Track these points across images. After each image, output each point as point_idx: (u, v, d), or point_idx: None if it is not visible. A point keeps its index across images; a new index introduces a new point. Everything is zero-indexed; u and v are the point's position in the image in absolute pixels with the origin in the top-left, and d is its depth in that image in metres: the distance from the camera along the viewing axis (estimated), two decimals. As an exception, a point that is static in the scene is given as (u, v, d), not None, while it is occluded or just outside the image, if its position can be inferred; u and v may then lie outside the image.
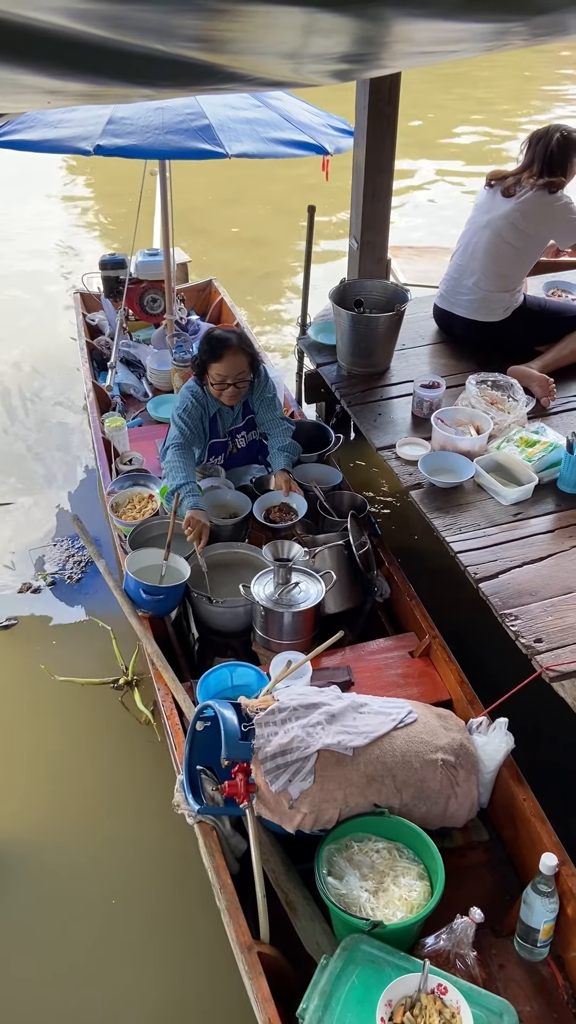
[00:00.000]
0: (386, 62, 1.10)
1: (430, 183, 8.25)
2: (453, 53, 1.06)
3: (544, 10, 0.76)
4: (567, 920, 2.08)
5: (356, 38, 0.91)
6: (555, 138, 3.42)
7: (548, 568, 2.67)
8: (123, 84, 1.05)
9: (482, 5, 0.71)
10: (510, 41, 0.98)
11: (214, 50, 0.89)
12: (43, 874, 2.66)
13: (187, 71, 0.97)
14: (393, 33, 0.91)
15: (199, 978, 2.39)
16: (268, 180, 8.02)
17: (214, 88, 1.16)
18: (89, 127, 3.42)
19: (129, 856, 2.70)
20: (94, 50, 0.80)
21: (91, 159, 5.56)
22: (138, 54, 0.83)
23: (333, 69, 1.13)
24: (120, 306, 4.60)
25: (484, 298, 3.66)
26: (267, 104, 3.79)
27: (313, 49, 0.94)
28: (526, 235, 3.51)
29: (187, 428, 3.18)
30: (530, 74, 11.86)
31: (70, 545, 3.89)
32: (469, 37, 0.89)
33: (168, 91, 1.17)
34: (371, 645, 2.84)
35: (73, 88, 1.02)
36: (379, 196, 3.87)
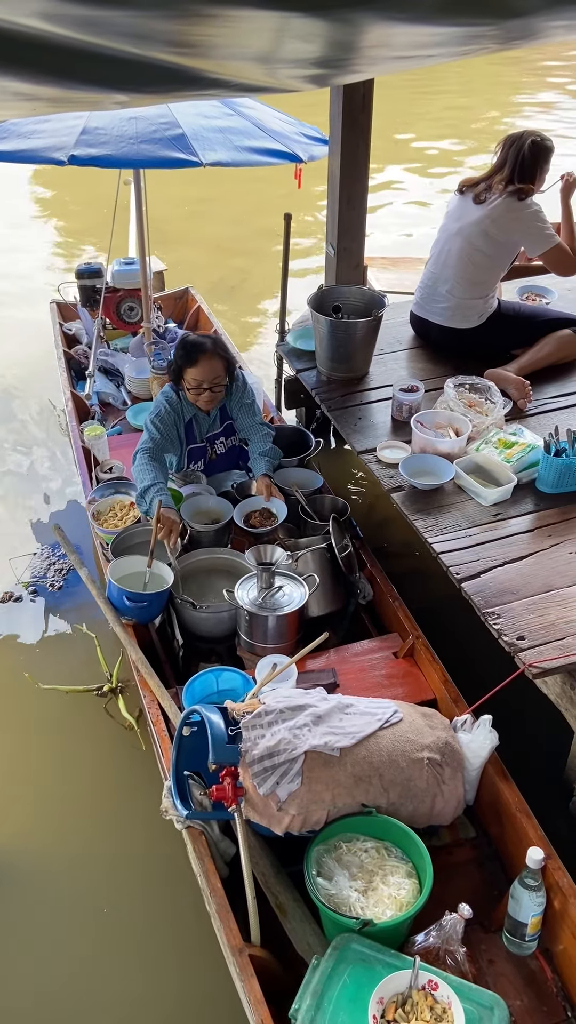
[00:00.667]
0: (362, 67, 1.12)
1: (403, 190, 8.32)
2: (429, 58, 1.08)
3: (518, 14, 0.78)
4: (554, 913, 2.10)
5: (331, 42, 0.92)
6: (528, 142, 3.47)
7: (529, 567, 2.70)
8: (96, 89, 1.06)
9: (458, 9, 0.73)
10: (485, 45, 1.00)
11: (187, 53, 0.90)
12: (32, 884, 2.65)
13: (160, 75, 0.97)
14: (369, 38, 0.93)
15: (191, 983, 2.39)
16: (243, 188, 8.06)
17: (188, 93, 1.17)
18: (63, 137, 3.42)
19: (118, 863, 2.70)
20: (68, 53, 0.81)
21: (64, 169, 5.57)
22: (111, 57, 0.83)
23: (308, 74, 1.15)
24: (97, 315, 4.61)
25: (458, 305, 3.70)
26: (240, 113, 3.82)
27: (287, 53, 0.95)
28: (497, 242, 3.56)
29: (158, 434, 3.19)
30: (505, 81, 12.01)
31: (51, 553, 3.88)
32: (445, 41, 0.91)
33: (141, 96, 1.18)
34: (355, 647, 2.86)
35: (46, 93, 1.02)
36: (354, 203, 3.91)
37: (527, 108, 10.83)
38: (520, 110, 10.73)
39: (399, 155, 9.06)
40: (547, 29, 1.03)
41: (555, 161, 3.55)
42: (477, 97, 11.25)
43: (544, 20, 0.86)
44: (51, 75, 0.90)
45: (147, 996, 2.38)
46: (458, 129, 9.96)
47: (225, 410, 3.37)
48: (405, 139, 9.55)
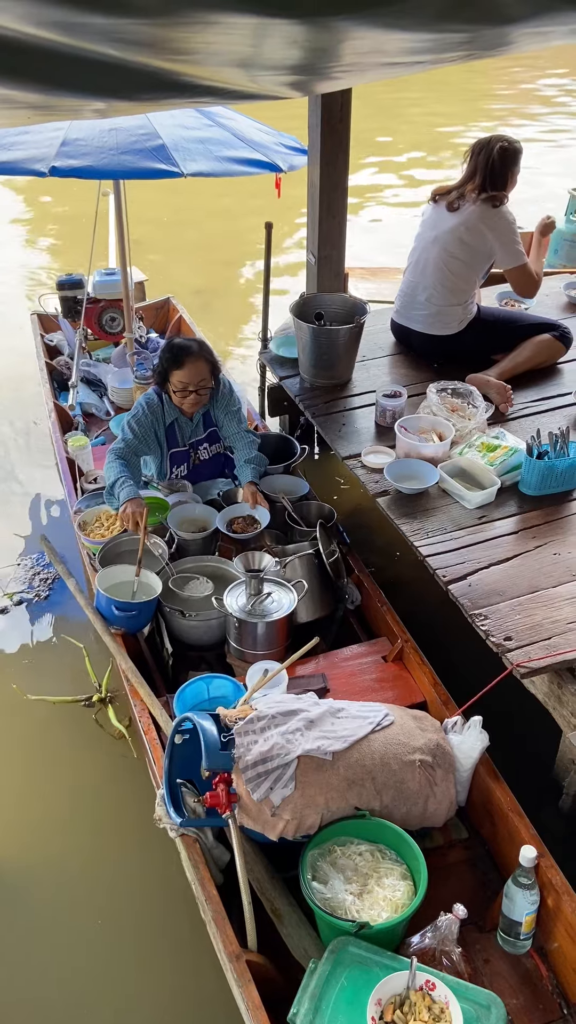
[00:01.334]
0: (344, 74, 1.13)
1: (381, 200, 8.39)
2: (415, 65, 1.10)
3: (508, 21, 0.81)
4: (548, 911, 2.12)
5: (314, 49, 0.93)
6: (497, 148, 3.51)
7: (514, 568, 2.73)
8: (76, 95, 1.06)
9: (450, 16, 0.75)
10: (471, 52, 1.02)
11: (168, 58, 0.90)
12: (25, 896, 2.63)
13: (140, 79, 0.98)
14: (351, 45, 0.94)
15: (188, 990, 2.38)
16: (223, 198, 8.08)
17: (167, 100, 1.18)
18: (43, 149, 3.43)
19: (111, 873, 2.69)
20: (49, 56, 0.81)
21: (43, 180, 5.56)
22: (92, 61, 0.84)
23: (290, 80, 1.16)
24: (79, 326, 4.61)
25: (438, 312, 3.74)
26: (219, 124, 3.84)
27: (269, 59, 0.96)
28: (473, 248, 3.59)
29: (133, 436, 3.21)
30: (477, 90, 12.14)
31: (34, 564, 3.87)
32: (432, 48, 0.94)
33: (119, 103, 1.18)
34: (345, 652, 2.88)
35: (27, 98, 1.03)
36: (334, 211, 3.94)
37: (499, 114, 10.95)
38: (492, 116, 10.85)
39: (376, 164, 9.13)
40: (526, 37, 1.06)
41: (524, 163, 3.60)
42: (452, 106, 11.36)
43: (527, 27, 0.88)
44: (32, 79, 0.90)
45: (144, 1005, 2.38)
46: (434, 137, 10.06)
47: (209, 416, 3.38)
48: (383, 148, 9.62)
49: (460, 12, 0.77)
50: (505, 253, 3.61)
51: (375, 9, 0.73)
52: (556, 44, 1.15)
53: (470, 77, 12.39)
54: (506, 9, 0.79)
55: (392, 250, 6.47)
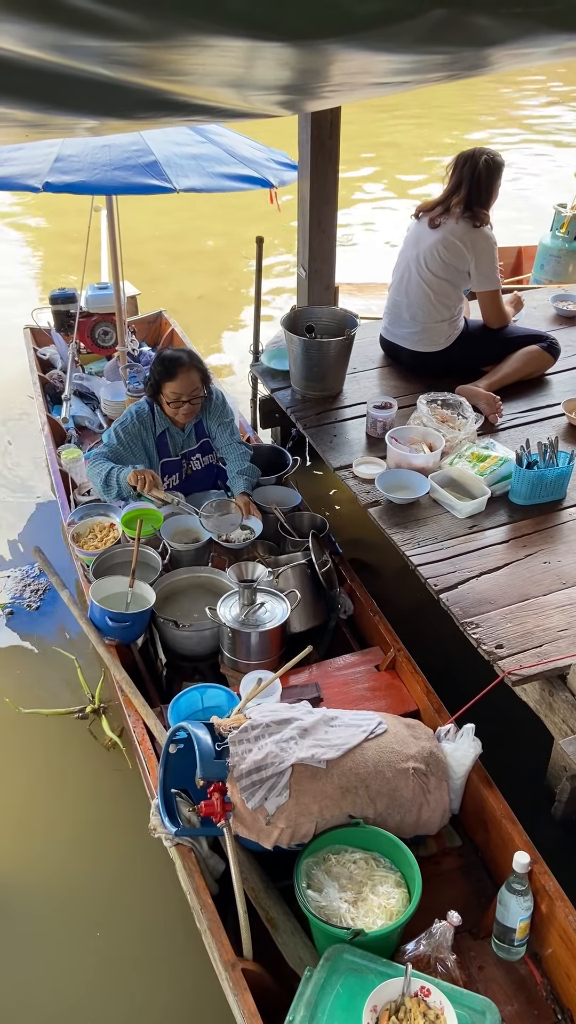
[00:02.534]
0: (333, 94, 1.16)
1: (368, 216, 8.46)
2: (403, 84, 1.13)
3: (492, 42, 0.83)
4: (541, 917, 2.13)
5: (304, 70, 0.96)
6: (482, 160, 3.54)
7: (505, 577, 2.76)
8: (69, 113, 1.08)
9: (437, 39, 0.78)
10: (456, 72, 1.05)
11: (160, 77, 0.93)
12: (20, 907, 2.63)
13: (134, 98, 1.00)
14: (341, 66, 0.97)
15: (183, 999, 2.38)
16: (214, 213, 8.14)
17: (158, 118, 1.20)
18: (37, 164, 3.47)
19: (107, 884, 2.69)
20: (44, 76, 0.84)
21: (36, 196, 5.59)
22: (87, 80, 0.86)
23: (280, 99, 1.18)
24: (71, 339, 4.63)
25: (424, 329, 3.77)
26: (211, 140, 3.89)
27: (260, 80, 0.99)
28: (452, 267, 3.62)
29: (118, 443, 3.25)
30: (461, 109, 12.27)
31: (24, 575, 3.88)
32: (419, 68, 0.97)
33: (111, 121, 1.21)
34: (338, 661, 2.89)
35: (21, 116, 1.05)
36: (324, 226, 3.99)
37: (482, 132, 11.07)
38: (475, 132, 10.97)
39: (364, 180, 9.21)
40: (508, 58, 1.09)
41: (506, 176, 3.64)
42: (436, 125, 11.48)
43: (509, 49, 0.91)
44: (29, 97, 0.93)
45: (140, 1014, 2.37)
46: (421, 153, 10.16)
47: (201, 427, 3.41)
48: (370, 164, 9.72)
49: (444, 35, 0.80)
50: (480, 275, 3.63)
51: (362, 33, 0.76)
52: (537, 64, 1.19)
53: (461, 101, 12.52)
54: (488, 32, 0.82)
55: (375, 269, 6.53)
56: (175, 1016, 2.36)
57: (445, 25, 0.77)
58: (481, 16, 0.77)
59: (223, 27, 0.71)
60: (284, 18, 0.69)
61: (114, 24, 0.71)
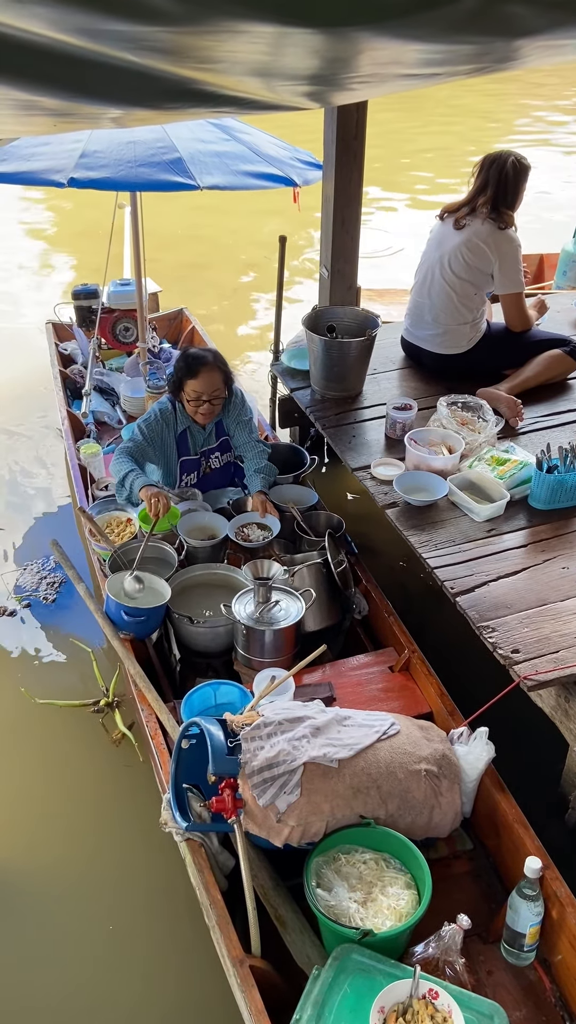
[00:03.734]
0: (361, 85, 1.15)
1: (392, 219, 8.45)
2: (433, 77, 1.12)
3: (524, 33, 0.83)
4: (552, 924, 2.11)
5: (331, 59, 0.95)
6: (509, 161, 3.51)
7: (522, 581, 2.74)
8: (98, 101, 1.08)
9: (467, 29, 0.77)
10: (485, 65, 1.05)
11: (187, 64, 0.92)
12: (31, 898, 2.63)
13: (162, 86, 1.00)
14: (369, 56, 0.96)
15: (191, 994, 2.38)
16: (237, 211, 8.16)
17: (183, 108, 1.20)
18: (62, 160, 3.48)
19: (116, 877, 2.69)
20: (72, 62, 0.84)
21: (62, 192, 5.62)
22: (115, 67, 0.86)
23: (307, 90, 1.18)
24: (93, 335, 4.65)
25: (446, 332, 3.75)
26: (236, 138, 3.90)
27: (286, 68, 0.98)
28: (475, 269, 3.59)
29: (142, 438, 3.26)
30: (487, 109, 12.23)
31: (41, 567, 3.89)
32: (449, 60, 0.96)
33: (135, 111, 1.20)
34: (351, 661, 2.88)
35: (48, 104, 1.05)
36: (348, 226, 3.98)
37: (513, 135, 11.03)
38: (503, 138, 10.93)
39: (388, 183, 9.20)
40: (540, 50, 1.08)
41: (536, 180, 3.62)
42: (463, 127, 11.45)
43: (543, 40, 0.90)
44: (57, 84, 0.92)
45: (146, 1008, 2.37)
46: (447, 156, 10.13)
47: (221, 425, 3.41)
48: (396, 167, 9.70)
49: (476, 23, 0.79)
50: (503, 277, 3.60)
51: (393, 20, 0.75)
52: (569, 59, 1.18)
53: (480, 100, 12.49)
54: (521, 21, 0.81)
55: (396, 274, 6.51)
56: (182, 1010, 2.36)
57: (479, 12, 0.76)
58: (516, 4, 0.77)
59: (256, 11, 0.71)
60: (318, 3, 0.69)
61: (145, 7, 0.70)
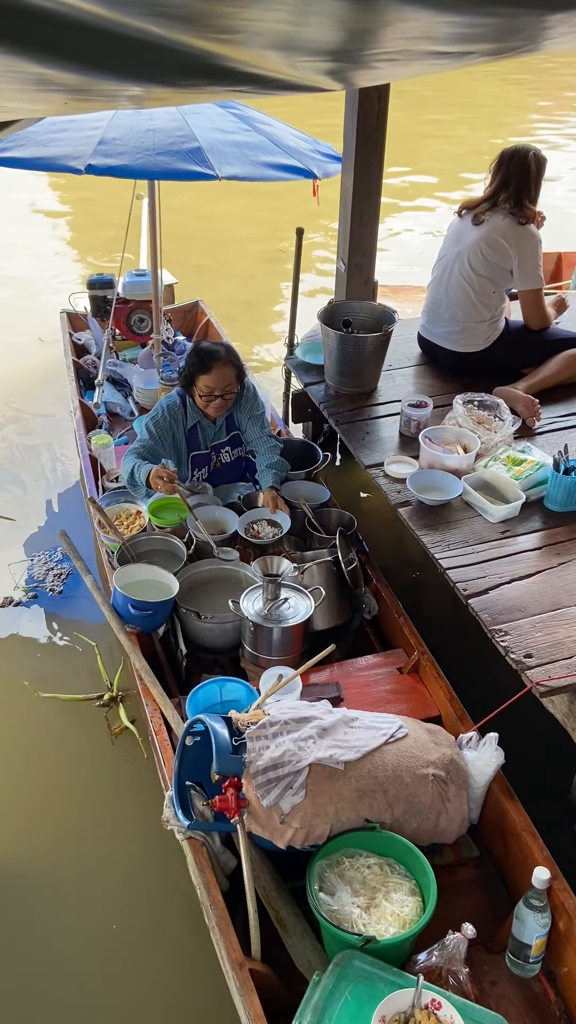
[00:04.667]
0: (387, 64, 1.10)
1: (410, 214, 8.38)
2: (467, 55, 1.07)
3: (562, 7, 0.78)
4: (559, 935, 2.07)
5: (357, 30, 0.89)
6: (530, 155, 3.46)
7: (536, 585, 2.69)
8: (113, 77, 1.03)
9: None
10: (517, 44, 1.00)
11: (208, 36, 0.87)
12: (30, 893, 2.61)
13: (179, 60, 0.95)
14: (397, 28, 0.91)
15: (188, 997, 2.35)
16: (255, 203, 8.11)
17: (206, 86, 1.15)
18: (80, 146, 3.45)
19: (115, 874, 2.66)
20: (86, 31, 0.79)
21: (80, 180, 5.59)
22: (131, 37, 0.82)
23: (330, 67, 1.13)
24: (107, 325, 4.62)
25: (463, 329, 3.69)
26: (256, 129, 3.85)
27: (310, 40, 0.92)
28: (494, 265, 3.54)
29: (150, 438, 3.24)
30: (511, 104, 12.13)
31: (48, 558, 3.87)
32: (484, 36, 0.91)
33: (159, 88, 1.15)
34: (360, 661, 2.84)
35: (66, 79, 1.01)
36: (366, 220, 3.93)
37: (534, 128, 10.93)
38: (525, 132, 10.83)
39: (407, 178, 9.13)
40: (570, 31, 1.03)
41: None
42: (484, 121, 11.36)
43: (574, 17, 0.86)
44: (70, 56, 0.88)
45: (143, 1010, 2.34)
46: (467, 149, 10.05)
47: (232, 420, 3.37)
48: (414, 162, 9.63)
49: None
50: (522, 273, 3.55)
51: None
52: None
53: (503, 91, 12.39)
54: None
55: (412, 271, 6.45)
56: (178, 1013, 2.33)
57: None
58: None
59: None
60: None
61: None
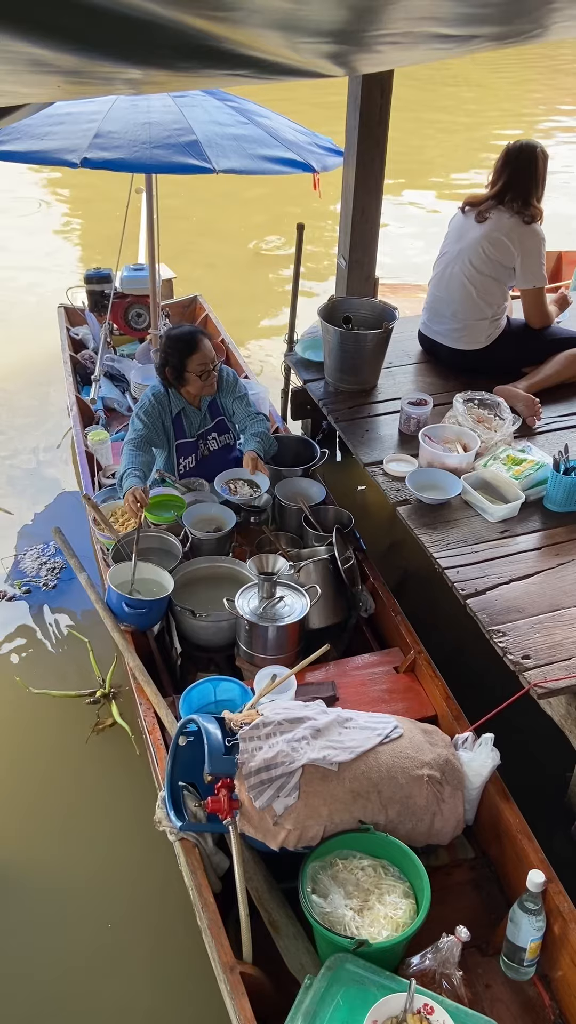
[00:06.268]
0: (391, 47, 1.07)
1: (410, 212, 8.35)
2: (474, 39, 1.04)
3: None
4: (554, 939, 2.05)
5: (364, 8, 0.86)
6: (536, 151, 3.42)
7: (535, 585, 2.67)
8: (109, 58, 1.00)
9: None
10: (522, 28, 0.96)
11: (205, 13, 0.84)
12: (17, 891, 2.59)
13: (176, 41, 0.92)
14: (401, 6, 0.87)
15: (179, 999, 2.33)
16: (255, 198, 8.08)
17: (204, 69, 1.12)
18: (76, 140, 3.41)
19: (106, 875, 2.64)
20: (80, 9, 0.77)
21: (76, 174, 5.54)
22: (126, 16, 0.79)
23: (332, 50, 1.09)
24: (104, 320, 4.59)
25: (465, 327, 3.66)
26: (254, 122, 3.81)
27: (311, 20, 0.89)
28: (497, 263, 3.51)
29: (143, 427, 3.27)
30: (515, 97, 12.10)
31: (41, 552, 3.84)
32: (493, 18, 0.88)
33: (155, 71, 1.12)
34: (356, 660, 2.82)
35: (62, 61, 0.97)
36: (368, 216, 3.90)
37: (543, 122, 10.90)
38: (533, 126, 10.80)
39: (409, 174, 9.09)
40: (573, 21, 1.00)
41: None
42: (488, 115, 11.33)
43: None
44: (64, 36, 0.85)
45: (133, 1011, 2.32)
46: (471, 143, 10.02)
47: (216, 405, 3.41)
48: (417, 157, 9.60)
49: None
50: (525, 271, 3.52)
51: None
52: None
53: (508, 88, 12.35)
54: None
55: (412, 268, 6.42)
56: (169, 1015, 2.31)
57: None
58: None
59: None
60: None
61: None
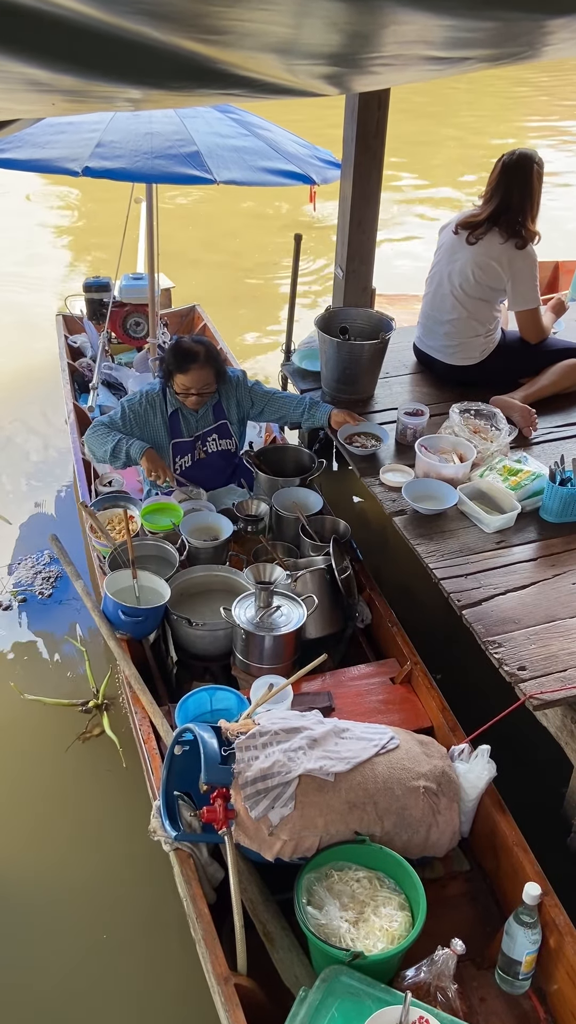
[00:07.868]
0: (384, 69, 1.08)
1: (406, 223, 8.38)
2: (463, 62, 1.05)
3: (563, 11, 0.76)
4: (549, 952, 2.04)
5: (355, 34, 0.87)
6: (533, 165, 3.41)
7: (531, 596, 2.67)
8: (111, 81, 1.02)
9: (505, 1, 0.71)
10: (516, 50, 0.98)
11: (206, 40, 0.86)
12: (15, 903, 2.58)
13: (170, 63, 0.93)
14: (395, 31, 0.89)
15: (173, 1011, 2.32)
16: (253, 210, 8.10)
17: (202, 90, 1.13)
18: (78, 149, 3.43)
19: (100, 885, 2.62)
20: (85, 35, 0.78)
21: (78, 183, 5.57)
22: (130, 42, 0.80)
23: (328, 72, 1.11)
24: (103, 329, 4.60)
25: (459, 344, 3.67)
26: (255, 134, 3.84)
27: (305, 43, 0.90)
28: (487, 286, 3.51)
29: (122, 419, 3.25)
30: (511, 112, 12.15)
31: (36, 561, 3.84)
32: (483, 41, 0.89)
33: (153, 92, 1.14)
34: (352, 671, 2.82)
35: (61, 82, 0.99)
36: (364, 227, 3.91)
37: (530, 135, 10.95)
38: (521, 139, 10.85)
39: (408, 185, 9.13)
40: (570, 40, 1.02)
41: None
42: (485, 131, 11.37)
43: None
44: (66, 60, 0.86)
45: (123, 1019, 2.31)
46: (467, 154, 10.06)
47: (220, 407, 3.37)
48: (412, 169, 9.63)
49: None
50: (516, 294, 3.52)
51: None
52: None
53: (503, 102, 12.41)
54: (558, 0, 0.75)
55: (407, 279, 6.43)
56: None
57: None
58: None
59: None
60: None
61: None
